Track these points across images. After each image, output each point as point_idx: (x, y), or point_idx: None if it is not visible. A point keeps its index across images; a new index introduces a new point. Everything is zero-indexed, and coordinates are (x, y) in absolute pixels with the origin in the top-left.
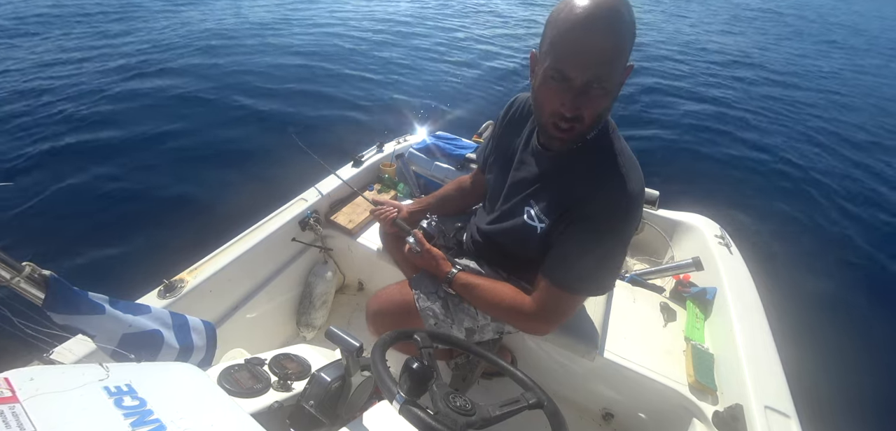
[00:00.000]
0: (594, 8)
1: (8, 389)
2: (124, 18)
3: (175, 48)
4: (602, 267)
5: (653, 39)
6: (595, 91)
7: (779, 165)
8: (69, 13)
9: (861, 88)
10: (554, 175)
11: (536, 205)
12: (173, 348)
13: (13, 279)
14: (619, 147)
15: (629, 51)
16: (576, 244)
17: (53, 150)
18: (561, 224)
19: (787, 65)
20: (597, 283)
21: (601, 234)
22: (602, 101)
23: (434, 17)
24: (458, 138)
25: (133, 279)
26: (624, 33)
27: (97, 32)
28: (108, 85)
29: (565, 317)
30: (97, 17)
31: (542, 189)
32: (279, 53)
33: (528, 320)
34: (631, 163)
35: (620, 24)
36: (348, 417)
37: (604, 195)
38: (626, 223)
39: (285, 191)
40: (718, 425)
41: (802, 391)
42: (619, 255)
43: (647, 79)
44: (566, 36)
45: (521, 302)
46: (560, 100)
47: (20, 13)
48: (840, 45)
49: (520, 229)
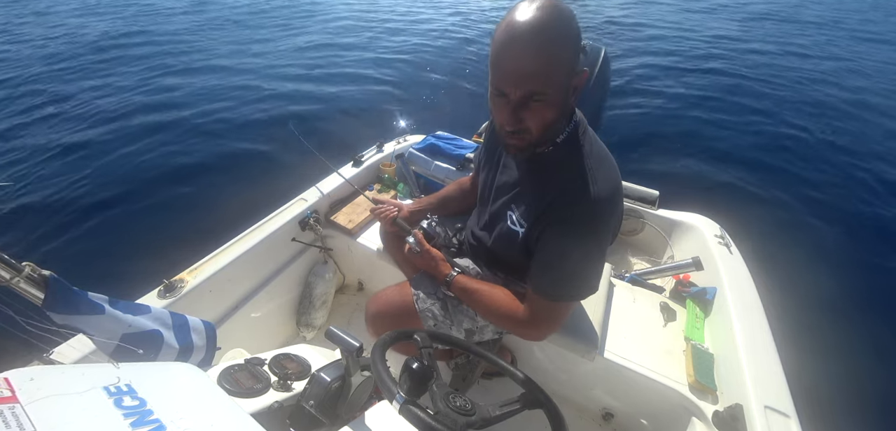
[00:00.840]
0: (522, 27)
1: (8, 389)
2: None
3: (179, 48)
4: (580, 271)
5: (653, 34)
6: (535, 105)
7: (779, 165)
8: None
9: (867, 89)
10: (529, 179)
11: (517, 210)
12: (173, 348)
13: (13, 279)
14: (587, 148)
15: (568, 61)
16: (551, 250)
17: (54, 150)
18: (536, 229)
19: (787, 64)
20: (577, 288)
21: (573, 238)
22: (546, 113)
23: (434, 16)
24: (458, 138)
25: (133, 279)
26: (554, 48)
27: (104, 32)
28: (109, 84)
29: (556, 324)
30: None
31: (521, 193)
32: (279, 52)
33: (521, 327)
34: (600, 162)
35: (548, 41)
36: (348, 417)
37: (571, 198)
38: (597, 224)
39: (285, 191)
40: (718, 425)
41: (802, 391)
42: (597, 257)
43: (647, 80)
44: (499, 55)
45: (515, 310)
46: (502, 115)
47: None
48: (844, 43)
49: (506, 233)
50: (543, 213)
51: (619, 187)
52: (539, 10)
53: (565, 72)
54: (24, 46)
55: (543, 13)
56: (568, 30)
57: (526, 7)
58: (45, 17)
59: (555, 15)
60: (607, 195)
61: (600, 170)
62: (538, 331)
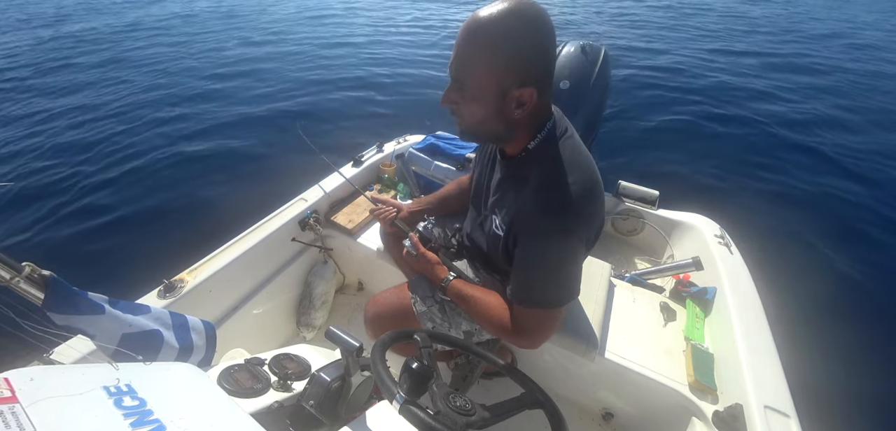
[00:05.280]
0: (477, 15)
1: (8, 389)
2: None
3: (177, 49)
4: (553, 279)
5: (654, 34)
6: (465, 92)
7: (779, 165)
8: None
9: (870, 89)
10: (508, 183)
11: (499, 213)
12: (173, 348)
13: (13, 279)
14: (560, 152)
15: (505, 66)
16: (523, 256)
17: (53, 150)
18: (511, 234)
19: (788, 64)
20: (552, 294)
21: (543, 244)
22: (473, 106)
23: (433, 16)
24: (458, 138)
25: (133, 279)
26: (492, 44)
27: (99, 33)
28: (106, 83)
29: (544, 332)
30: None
31: (502, 197)
32: (280, 52)
33: (512, 337)
34: (572, 167)
35: (489, 36)
36: (348, 417)
37: (539, 203)
38: (568, 229)
39: (285, 191)
40: (718, 425)
41: (802, 391)
42: (569, 262)
43: (647, 78)
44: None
45: (506, 319)
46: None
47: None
48: (846, 44)
49: (492, 236)
50: (516, 217)
51: (592, 190)
52: (497, 8)
53: (498, 75)
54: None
55: (498, 12)
56: (517, 36)
57: (493, 3)
58: (46, 20)
59: (508, 18)
60: (578, 197)
61: (572, 173)
62: (527, 340)
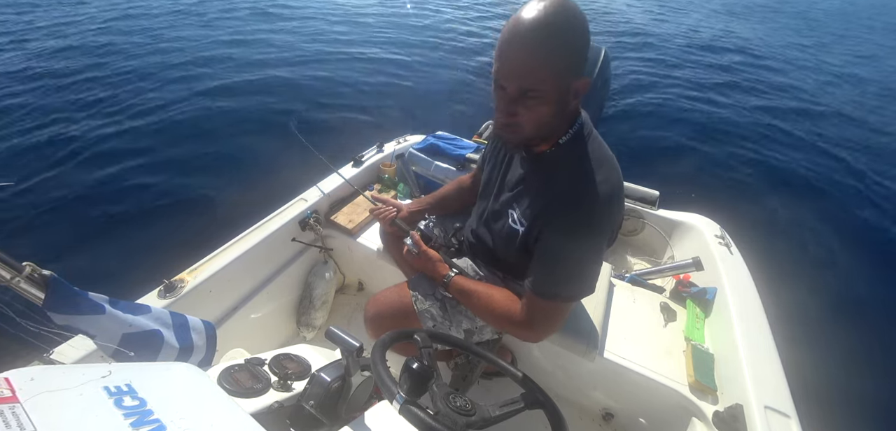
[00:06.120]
0: (525, 24)
1: (8, 389)
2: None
3: (176, 48)
4: (577, 272)
5: (653, 34)
6: (530, 100)
7: (779, 164)
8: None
9: (872, 89)
10: (533, 179)
11: (518, 208)
12: (173, 348)
13: (13, 279)
14: (589, 150)
15: (567, 63)
16: (548, 249)
17: (53, 149)
18: (535, 228)
19: (789, 63)
20: (574, 288)
21: (571, 238)
22: (540, 110)
23: (432, 15)
24: (458, 138)
25: (133, 279)
26: (552, 48)
27: (101, 29)
28: (106, 85)
29: (554, 325)
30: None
31: (524, 192)
32: (279, 51)
33: (518, 328)
34: (600, 164)
35: (546, 40)
36: (348, 417)
37: (569, 198)
38: (595, 225)
39: (285, 191)
40: (718, 425)
41: (802, 391)
42: (593, 259)
43: (646, 77)
44: (501, 48)
45: (513, 311)
46: (498, 107)
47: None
48: (849, 44)
49: (506, 232)
50: (542, 212)
51: (618, 189)
52: (544, 9)
53: (562, 74)
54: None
55: (547, 13)
56: (571, 33)
57: (534, 5)
58: (46, 17)
59: (559, 16)
60: (606, 196)
61: (600, 172)
62: (535, 332)
